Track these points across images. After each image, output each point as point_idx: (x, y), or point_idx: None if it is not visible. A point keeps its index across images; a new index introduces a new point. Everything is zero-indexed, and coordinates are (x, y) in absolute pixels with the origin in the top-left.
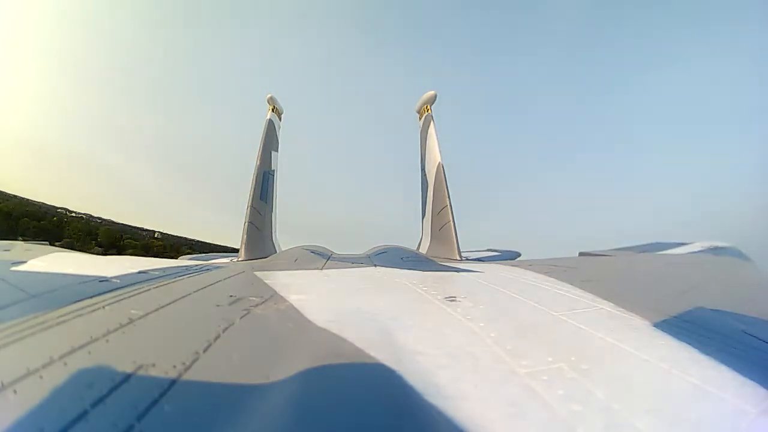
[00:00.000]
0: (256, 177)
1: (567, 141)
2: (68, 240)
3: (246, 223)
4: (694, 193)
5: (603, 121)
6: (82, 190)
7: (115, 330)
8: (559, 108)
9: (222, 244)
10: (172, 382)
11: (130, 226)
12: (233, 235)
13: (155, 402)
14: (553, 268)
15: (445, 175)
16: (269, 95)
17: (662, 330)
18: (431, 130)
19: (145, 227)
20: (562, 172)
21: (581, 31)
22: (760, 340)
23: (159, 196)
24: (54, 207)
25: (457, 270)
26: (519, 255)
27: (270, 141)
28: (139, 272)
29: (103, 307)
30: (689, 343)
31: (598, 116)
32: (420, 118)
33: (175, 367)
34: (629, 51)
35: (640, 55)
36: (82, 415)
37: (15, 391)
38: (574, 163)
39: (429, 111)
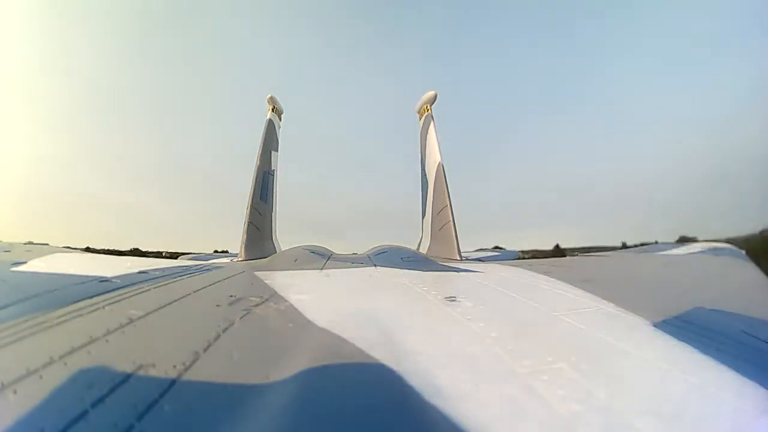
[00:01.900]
0: (256, 177)
1: (567, 139)
2: None
3: (246, 223)
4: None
5: (603, 119)
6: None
7: (115, 330)
8: (559, 106)
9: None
10: (172, 382)
11: None
12: (232, 236)
13: (155, 402)
14: (553, 268)
15: (445, 175)
16: (269, 95)
17: (662, 330)
18: (431, 130)
19: None
20: (562, 170)
21: (582, 29)
22: (760, 340)
23: (158, 197)
24: None
25: (457, 270)
26: (519, 255)
27: (270, 141)
28: (139, 272)
29: (103, 307)
30: (689, 343)
31: (598, 113)
32: (420, 118)
33: (175, 367)
34: (636, 56)
35: (646, 61)
36: (82, 415)
37: (15, 391)
38: (575, 160)
39: (429, 111)
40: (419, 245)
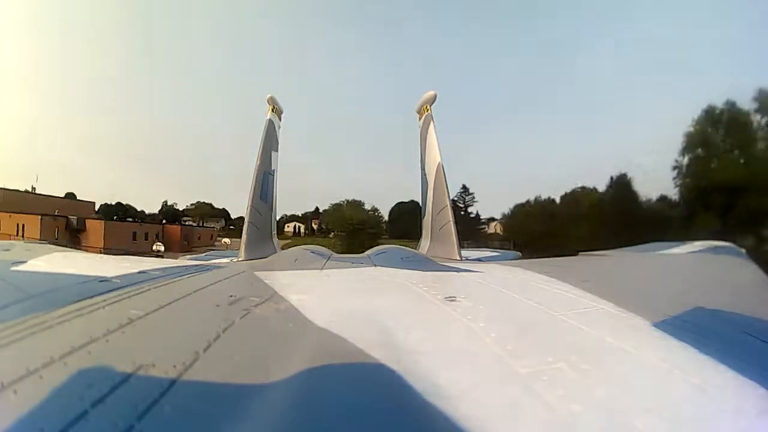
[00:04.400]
0: (256, 177)
1: (566, 139)
2: None
3: (246, 223)
4: None
5: (603, 118)
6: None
7: (115, 330)
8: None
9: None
10: (172, 382)
11: None
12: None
13: (155, 402)
14: (553, 268)
15: (445, 175)
16: (269, 95)
17: (662, 330)
18: (431, 130)
19: None
20: (562, 169)
21: (580, 30)
22: (760, 340)
23: (157, 197)
24: None
25: (457, 270)
26: (519, 255)
27: (270, 141)
28: (139, 272)
29: (103, 307)
30: (689, 343)
31: (598, 112)
32: (420, 118)
33: (175, 367)
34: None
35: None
36: (82, 415)
37: (15, 391)
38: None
39: (429, 111)
40: (419, 245)
